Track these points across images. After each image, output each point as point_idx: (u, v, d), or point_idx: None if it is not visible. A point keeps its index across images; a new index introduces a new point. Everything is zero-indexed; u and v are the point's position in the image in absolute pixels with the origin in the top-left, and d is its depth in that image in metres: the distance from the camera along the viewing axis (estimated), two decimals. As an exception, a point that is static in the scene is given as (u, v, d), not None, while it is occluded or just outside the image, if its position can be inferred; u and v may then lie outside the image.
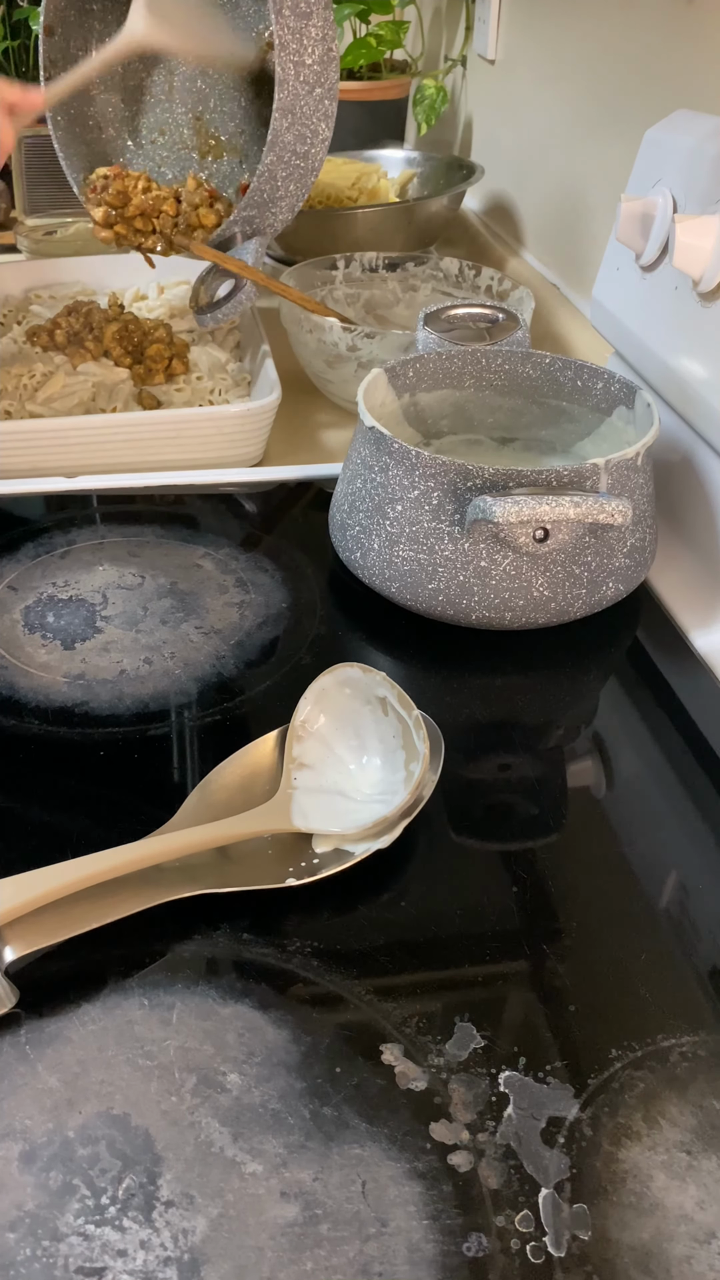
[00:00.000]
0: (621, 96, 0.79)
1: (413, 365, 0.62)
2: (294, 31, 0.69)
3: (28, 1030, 0.36)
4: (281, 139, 0.71)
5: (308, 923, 0.40)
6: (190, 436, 0.70)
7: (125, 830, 0.41)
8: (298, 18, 0.69)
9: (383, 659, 0.54)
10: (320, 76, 0.71)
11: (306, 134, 0.72)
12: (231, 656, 0.53)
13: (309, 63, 0.70)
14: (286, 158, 0.73)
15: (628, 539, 0.54)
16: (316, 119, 0.72)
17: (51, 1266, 0.30)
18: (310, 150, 0.73)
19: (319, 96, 0.71)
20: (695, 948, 0.39)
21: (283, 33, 0.68)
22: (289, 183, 0.74)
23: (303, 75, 0.70)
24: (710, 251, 0.54)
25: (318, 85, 0.71)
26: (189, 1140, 0.33)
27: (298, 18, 0.69)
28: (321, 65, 0.71)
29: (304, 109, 0.71)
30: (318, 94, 0.71)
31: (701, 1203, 0.32)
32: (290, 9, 0.68)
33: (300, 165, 0.74)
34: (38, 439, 0.68)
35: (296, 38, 0.69)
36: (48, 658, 0.53)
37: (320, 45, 0.70)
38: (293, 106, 0.70)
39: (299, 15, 0.69)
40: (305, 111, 0.71)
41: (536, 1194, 0.32)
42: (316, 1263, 0.30)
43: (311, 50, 0.70)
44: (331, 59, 0.71)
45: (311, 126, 0.72)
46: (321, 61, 0.70)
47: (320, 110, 0.72)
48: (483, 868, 0.43)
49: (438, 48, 1.27)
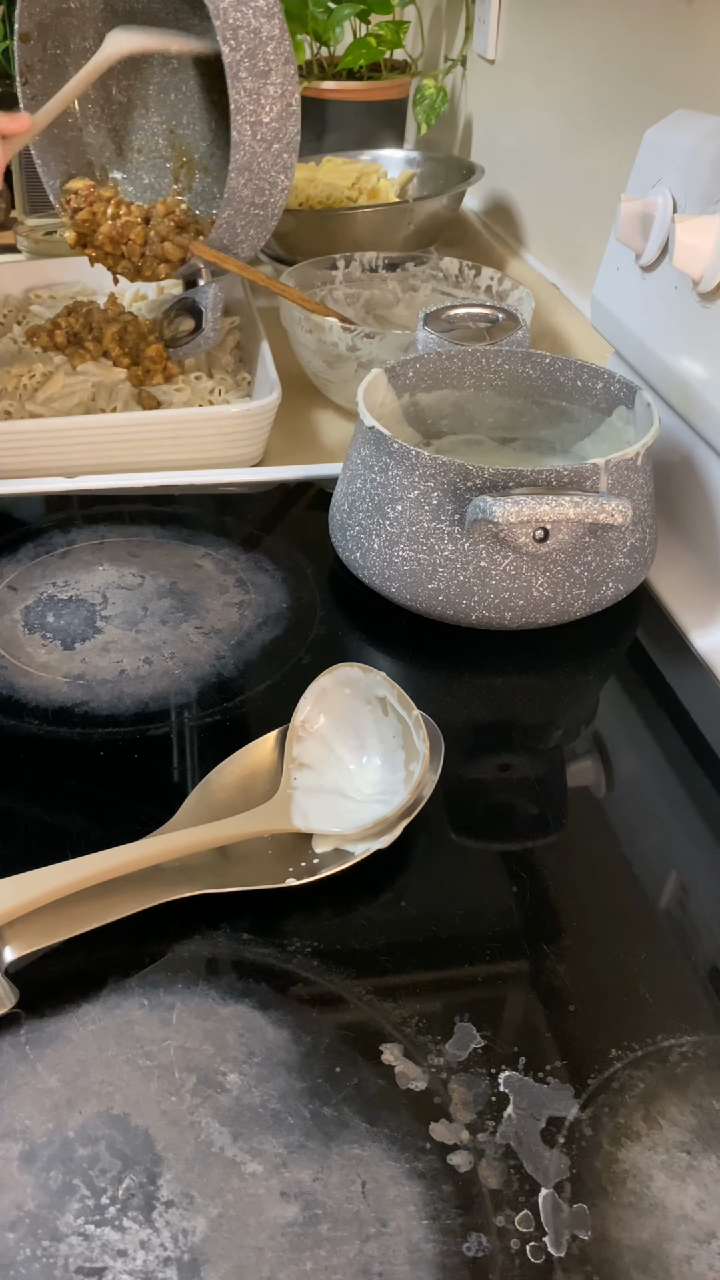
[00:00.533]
0: (621, 96, 0.79)
1: (413, 365, 0.62)
2: (250, 93, 0.68)
3: (28, 1030, 0.36)
4: (239, 195, 0.71)
5: (308, 923, 0.40)
6: (190, 436, 0.70)
7: (125, 830, 0.41)
8: (255, 77, 0.68)
9: (383, 659, 0.54)
10: (279, 132, 0.70)
11: (264, 186, 0.72)
12: (231, 656, 0.53)
13: (266, 120, 0.69)
14: (245, 209, 0.73)
15: (628, 539, 0.54)
16: (275, 172, 0.72)
17: (51, 1266, 0.30)
18: (269, 200, 0.73)
19: (277, 151, 0.71)
20: (695, 948, 0.39)
21: (238, 95, 0.68)
22: (249, 229, 0.74)
23: (260, 134, 0.69)
24: (710, 251, 0.54)
25: (275, 141, 0.70)
26: (189, 1140, 0.33)
27: (255, 77, 0.68)
28: (280, 121, 0.70)
29: (261, 165, 0.71)
30: (275, 149, 0.71)
31: (701, 1203, 0.32)
32: (247, 70, 0.68)
33: (259, 214, 0.74)
34: (38, 439, 0.68)
35: (253, 98, 0.68)
36: (48, 658, 0.53)
37: (279, 102, 0.69)
38: (249, 164, 0.70)
39: (256, 75, 0.68)
40: (263, 167, 0.71)
41: (536, 1194, 0.32)
42: (316, 1263, 0.30)
43: (269, 108, 0.69)
44: (291, 113, 0.70)
45: (269, 179, 0.72)
46: (280, 117, 0.70)
47: (279, 164, 0.72)
48: (483, 868, 0.43)
49: (438, 48, 1.27)
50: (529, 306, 0.78)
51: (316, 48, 1.18)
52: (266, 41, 0.68)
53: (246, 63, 0.67)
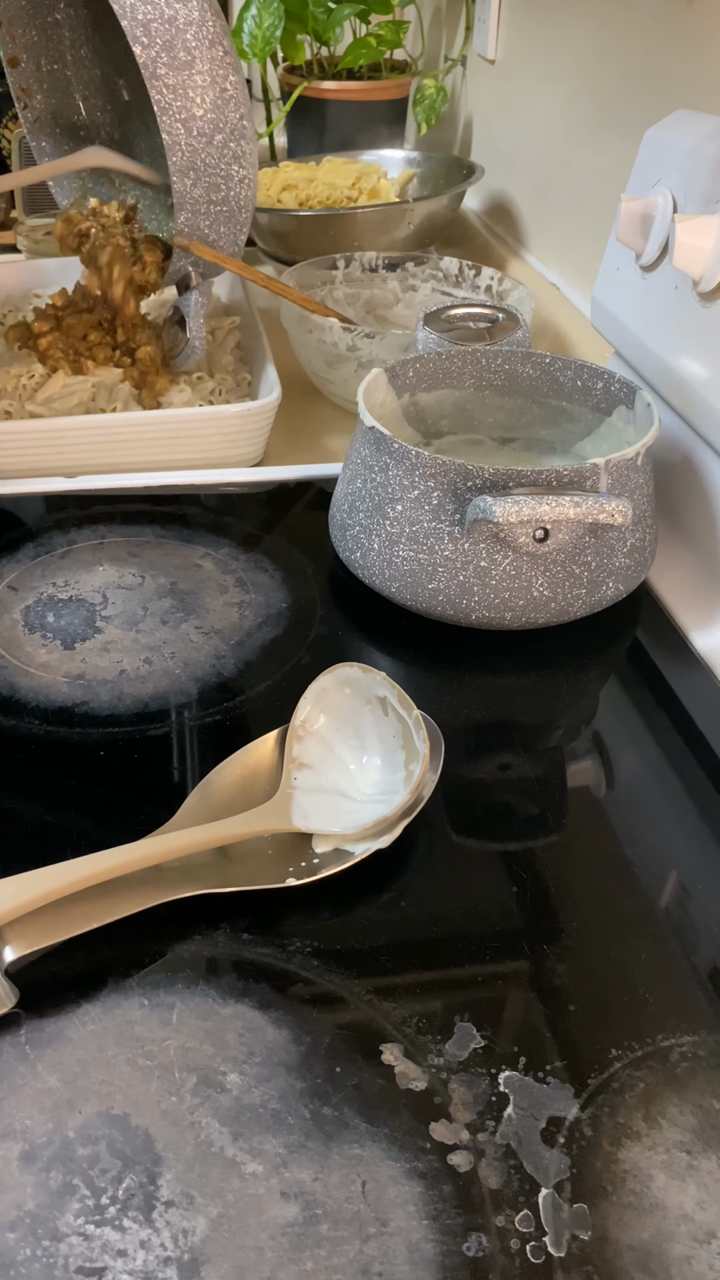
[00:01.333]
0: (621, 96, 0.79)
1: (413, 365, 0.62)
2: (173, 89, 0.62)
3: (28, 1030, 0.36)
4: (190, 196, 0.66)
5: (308, 923, 0.40)
6: (190, 436, 0.70)
7: (125, 830, 0.41)
8: (176, 71, 0.62)
9: (383, 659, 0.54)
10: (218, 122, 0.64)
11: (218, 182, 0.66)
12: (231, 656, 0.53)
13: (200, 114, 0.64)
14: (203, 209, 0.67)
15: (628, 539, 0.54)
16: (226, 163, 0.66)
17: (51, 1266, 0.30)
18: (230, 194, 0.68)
19: (221, 142, 0.65)
20: (695, 948, 0.39)
21: (160, 95, 0.62)
22: (217, 227, 0.69)
23: (195, 129, 0.64)
24: (710, 251, 0.54)
25: (216, 132, 0.64)
26: (189, 1140, 0.33)
27: (176, 71, 0.62)
28: (217, 110, 0.64)
29: (207, 161, 0.65)
30: (219, 140, 0.65)
31: (701, 1203, 0.32)
32: (166, 65, 0.62)
33: (223, 210, 0.68)
34: (38, 439, 0.68)
35: (178, 95, 0.63)
36: (48, 658, 0.53)
37: (211, 90, 0.63)
38: (192, 164, 0.65)
39: (178, 68, 0.62)
40: (209, 163, 0.65)
41: (536, 1194, 0.32)
42: (316, 1263, 0.30)
43: (200, 99, 0.63)
44: (229, 98, 0.64)
45: (222, 173, 0.66)
46: (215, 106, 0.64)
47: (227, 154, 0.66)
48: (483, 868, 0.43)
49: (438, 48, 1.27)
50: (529, 306, 0.79)
51: (316, 48, 1.18)
52: (185, 29, 0.62)
53: (164, 58, 0.62)
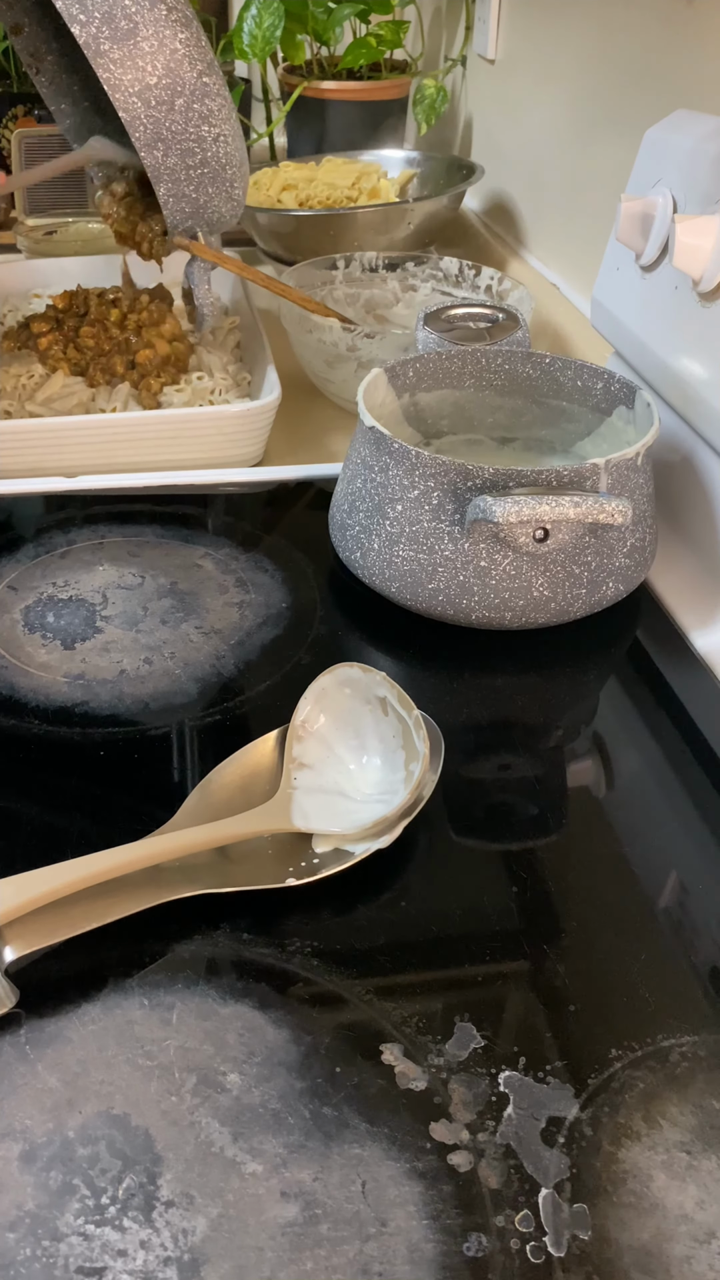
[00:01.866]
0: (621, 96, 0.79)
1: (413, 365, 0.62)
2: (119, 62, 0.60)
3: (28, 1030, 0.36)
4: (164, 166, 0.64)
5: (308, 923, 0.40)
6: (190, 436, 0.70)
7: (125, 830, 0.41)
8: (119, 42, 0.59)
9: (383, 659, 0.54)
10: (175, 86, 0.61)
11: (191, 147, 0.64)
12: (231, 656, 0.53)
13: (153, 82, 0.60)
14: (182, 175, 0.65)
15: (628, 539, 0.54)
16: (194, 125, 0.63)
17: (51, 1266, 0.30)
18: (208, 155, 0.65)
19: (184, 106, 0.62)
20: (695, 948, 0.39)
21: (108, 73, 0.60)
22: (204, 187, 0.67)
23: (152, 99, 0.61)
24: (710, 251, 0.54)
25: (176, 97, 0.61)
26: (189, 1140, 0.33)
27: (119, 42, 0.59)
28: (171, 74, 0.61)
29: (172, 129, 0.63)
30: (180, 104, 0.62)
31: (701, 1203, 0.32)
32: (109, 38, 0.59)
33: (204, 171, 0.66)
34: (38, 439, 0.68)
35: (127, 67, 0.60)
36: (48, 658, 0.53)
37: (161, 55, 0.60)
38: (158, 135, 0.62)
39: (120, 38, 0.59)
40: (175, 130, 0.62)
41: (536, 1194, 0.32)
42: (316, 1263, 0.30)
43: (151, 67, 0.60)
44: (180, 58, 0.61)
45: (194, 136, 0.63)
46: (169, 70, 0.61)
47: (193, 116, 0.62)
48: (483, 868, 0.43)
49: (438, 48, 1.27)
50: (529, 306, 0.78)
51: (316, 48, 1.18)
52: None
53: (105, 31, 0.59)
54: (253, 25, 1.08)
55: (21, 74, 1.23)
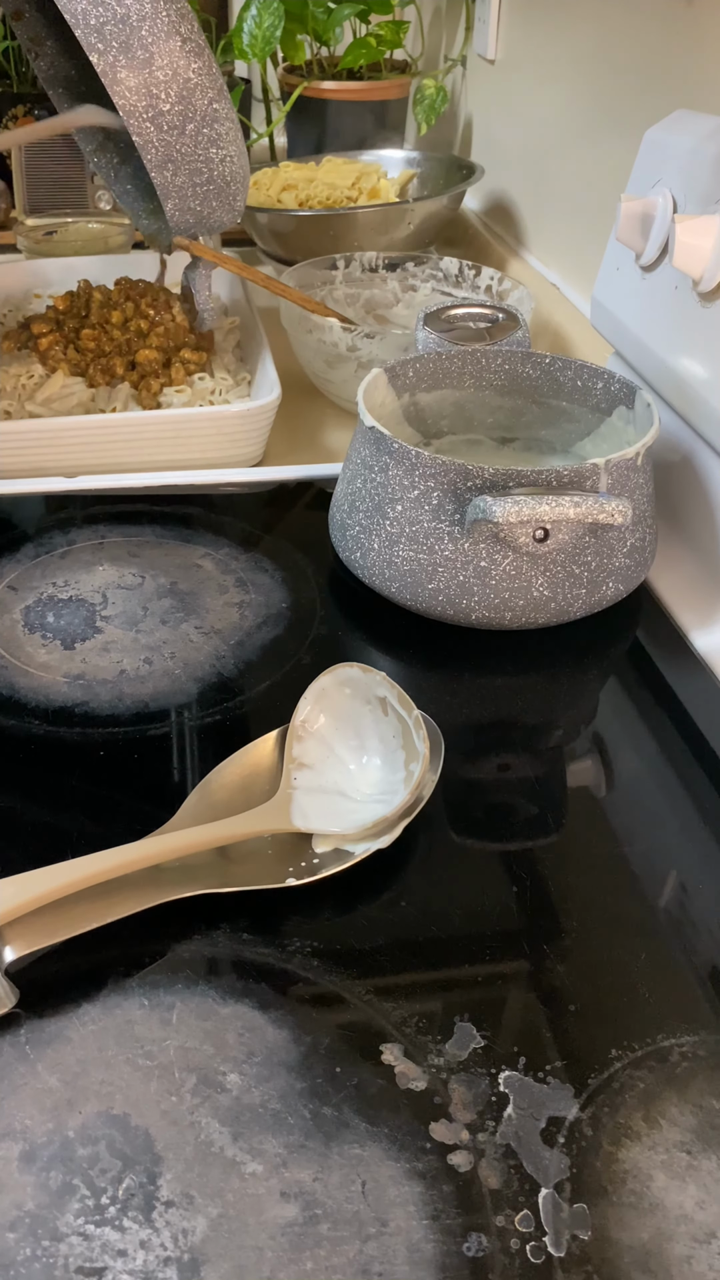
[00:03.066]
0: (621, 96, 0.79)
1: (413, 365, 0.62)
2: (135, 90, 0.61)
3: (28, 1030, 0.36)
4: (172, 185, 0.65)
5: (308, 923, 0.40)
6: (190, 436, 0.70)
7: (125, 830, 0.41)
8: (135, 70, 0.61)
9: (383, 659, 0.54)
10: (187, 113, 0.63)
11: (199, 167, 0.65)
12: (231, 656, 0.53)
13: (166, 109, 0.62)
14: (189, 192, 0.66)
15: (628, 539, 0.54)
16: (203, 148, 0.65)
17: (51, 1266, 0.30)
18: (214, 174, 0.67)
19: (194, 131, 0.64)
20: (695, 948, 0.39)
21: (124, 99, 0.61)
22: (209, 201, 0.68)
23: (164, 124, 0.63)
24: (710, 251, 0.54)
25: (188, 122, 0.63)
26: (189, 1140, 0.33)
27: (135, 70, 0.61)
28: (184, 102, 0.63)
29: (182, 151, 0.64)
30: (191, 129, 0.63)
31: (701, 1203, 0.32)
32: (125, 66, 0.61)
33: (210, 188, 0.67)
34: (38, 439, 0.68)
35: (141, 95, 0.62)
36: (48, 658, 0.53)
37: (174, 83, 0.62)
38: (169, 157, 0.64)
39: (136, 67, 0.61)
40: (185, 153, 0.64)
41: (536, 1194, 0.32)
42: (316, 1263, 0.30)
43: (165, 95, 0.62)
44: (193, 87, 0.63)
45: (201, 158, 0.65)
46: (181, 98, 0.63)
47: (202, 140, 0.64)
48: (483, 868, 0.43)
49: (438, 48, 1.27)
50: (529, 306, 0.79)
51: (316, 48, 1.18)
52: (139, 25, 0.60)
53: (122, 60, 0.61)
54: (253, 25, 1.08)
55: (21, 74, 1.23)
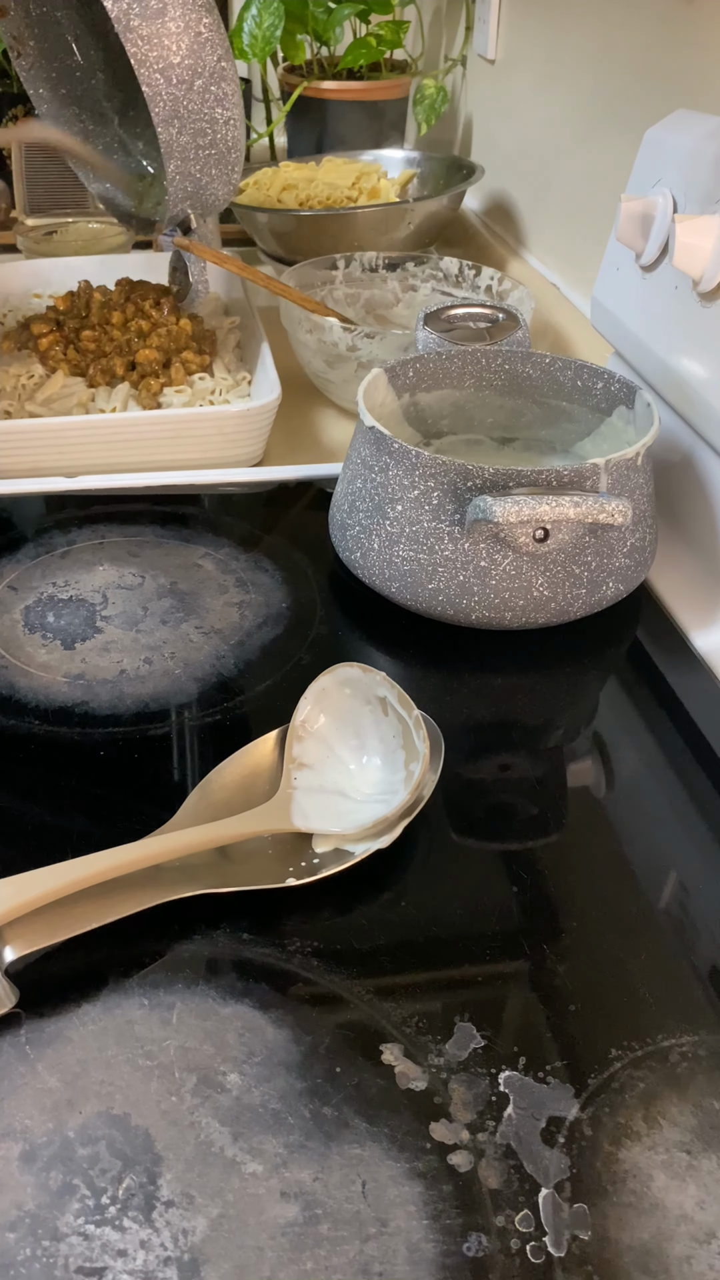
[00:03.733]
0: (621, 96, 0.79)
1: (413, 365, 0.62)
2: (147, 39, 0.63)
3: (28, 1030, 0.36)
4: (177, 144, 0.67)
5: (308, 923, 0.40)
6: (190, 436, 0.70)
7: (125, 830, 0.41)
8: (148, 20, 0.63)
9: (383, 659, 0.54)
10: (196, 67, 0.65)
11: (203, 127, 0.67)
12: (231, 656, 0.53)
13: (176, 61, 0.64)
14: (191, 154, 0.69)
15: (628, 539, 0.54)
16: (209, 107, 0.67)
17: (51, 1266, 0.30)
18: (218, 137, 0.69)
19: (202, 87, 0.66)
20: (695, 948, 0.39)
21: (136, 47, 0.63)
22: (208, 169, 0.70)
23: (174, 77, 0.64)
24: (710, 251, 0.54)
25: (196, 77, 0.65)
26: (189, 1140, 0.33)
27: (148, 20, 0.63)
28: (193, 55, 0.65)
29: (189, 108, 0.66)
30: (199, 85, 0.66)
31: (701, 1203, 0.32)
32: (138, 15, 0.62)
33: (211, 153, 0.69)
34: (38, 439, 0.68)
35: (153, 44, 0.63)
36: (48, 658, 0.53)
37: (185, 36, 0.64)
38: (175, 112, 0.66)
39: (150, 17, 0.63)
40: (191, 109, 0.66)
41: (536, 1194, 0.32)
42: (316, 1263, 0.30)
43: (175, 47, 0.64)
44: (204, 40, 0.65)
45: (206, 117, 0.67)
46: (192, 51, 0.65)
47: (209, 98, 0.66)
48: (483, 868, 0.43)
49: (438, 48, 1.27)
50: (529, 306, 0.78)
51: (316, 48, 1.18)
52: None
53: (136, 8, 0.62)
54: (253, 25, 1.08)
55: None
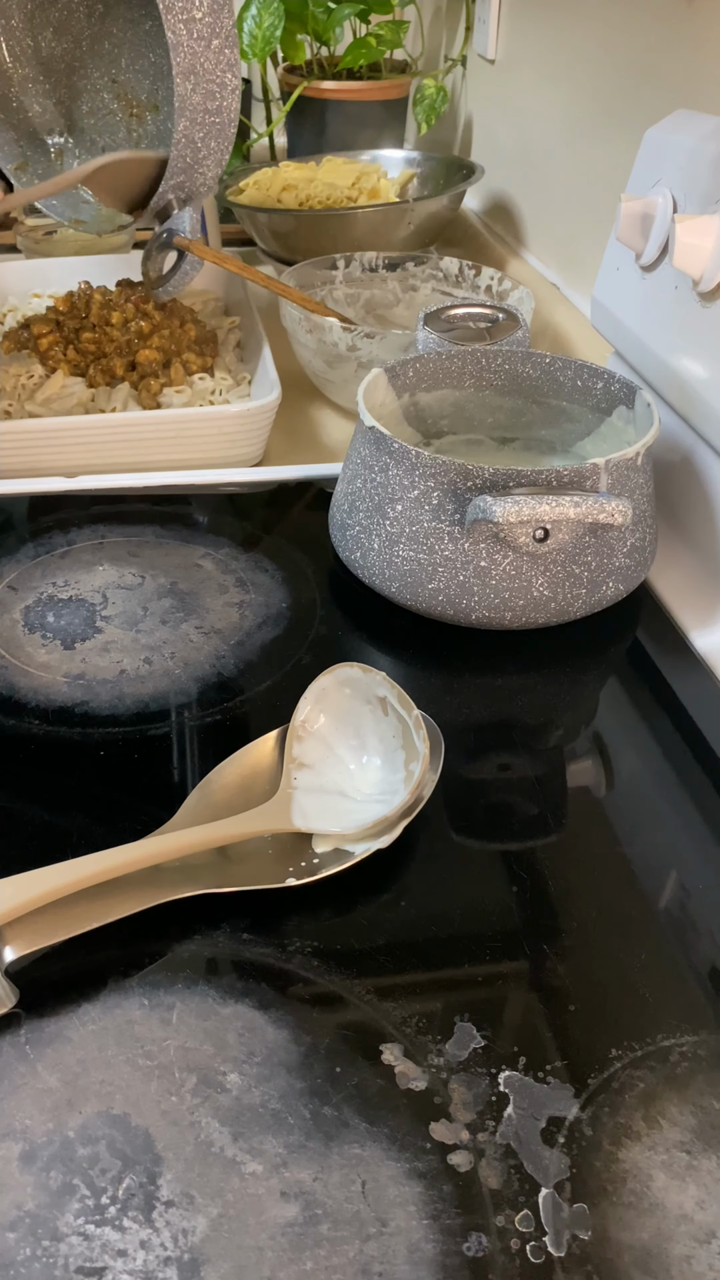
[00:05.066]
0: (621, 96, 0.79)
1: (413, 365, 0.62)
2: None
3: (28, 1030, 0.36)
4: (189, 102, 0.69)
5: (308, 923, 0.40)
6: (190, 436, 0.70)
7: (125, 830, 0.41)
8: None
9: (383, 659, 0.54)
10: (214, 26, 0.67)
11: (214, 89, 0.69)
12: (231, 656, 0.53)
13: (199, 16, 0.66)
14: (200, 118, 0.70)
15: (628, 539, 0.54)
16: (221, 70, 0.69)
17: (51, 1266, 0.30)
18: (222, 104, 0.71)
19: (218, 48, 0.68)
20: (695, 948, 0.39)
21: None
22: (209, 140, 0.72)
23: (195, 31, 0.66)
24: (710, 251, 0.54)
25: (214, 37, 0.68)
26: (189, 1140, 0.33)
27: None
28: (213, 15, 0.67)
29: (205, 65, 0.68)
30: (215, 45, 0.68)
31: (701, 1203, 0.32)
32: None
33: (216, 121, 0.71)
34: (37, 439, 0.68)
35: None
36: (48, 658, 0.53)
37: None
38: (193, 67, 0.68)
39: None
40: (207, 68, 0.68)
41: (536, 1194, 0.32)
42: (316, 1263, 0.30)
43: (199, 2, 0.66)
44: (221, 4, 0.67)
45: (218, 80, 0.69)
46: (212, 10, 0.67)
47: (223, 61, 0.69)
48: (483, 868, 0.43)
49: (438, 48, 1.27)
50: (529, 306, 0.78)
51: (316, 48, 1.18)
52: None
53: None
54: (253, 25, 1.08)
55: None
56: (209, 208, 0.97)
